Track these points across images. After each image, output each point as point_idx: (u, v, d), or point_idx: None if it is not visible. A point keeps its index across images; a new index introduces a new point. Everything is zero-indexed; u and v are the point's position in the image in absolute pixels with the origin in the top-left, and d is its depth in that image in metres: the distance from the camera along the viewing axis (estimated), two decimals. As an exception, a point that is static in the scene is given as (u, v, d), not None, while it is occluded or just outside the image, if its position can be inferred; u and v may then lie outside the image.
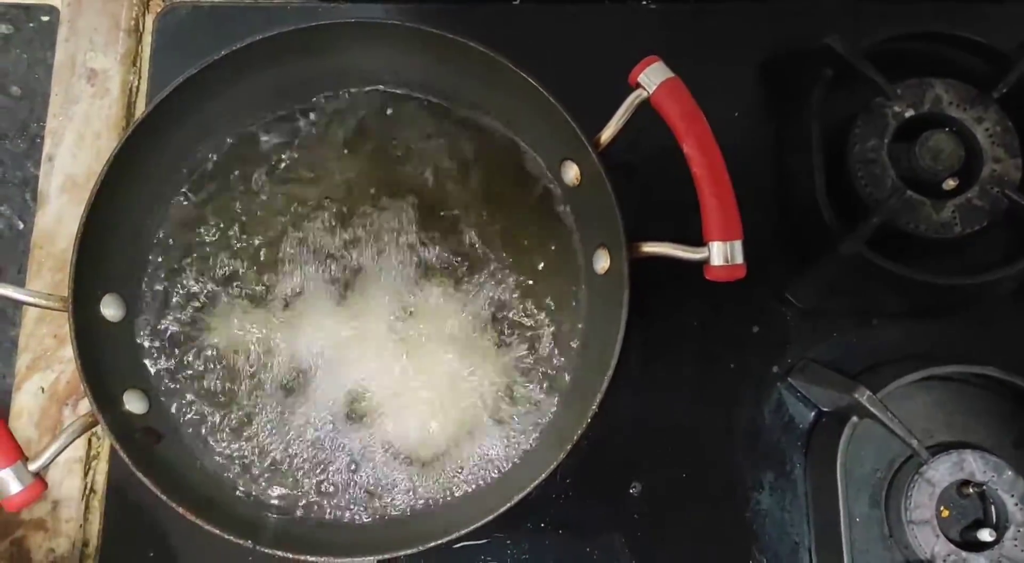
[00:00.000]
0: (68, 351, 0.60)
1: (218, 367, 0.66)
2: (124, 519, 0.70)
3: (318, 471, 0.65)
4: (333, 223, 0.68)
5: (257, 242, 0.68)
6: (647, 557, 0.69)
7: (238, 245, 0.68)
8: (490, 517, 0.57)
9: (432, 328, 0.66)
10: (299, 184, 0.69)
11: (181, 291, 0.67)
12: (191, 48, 0.78)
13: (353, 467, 0.65)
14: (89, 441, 0.72)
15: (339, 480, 0.65)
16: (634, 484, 0.70)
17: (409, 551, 0.59)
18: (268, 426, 0.66)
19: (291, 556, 0.57)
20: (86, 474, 0.71)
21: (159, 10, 0.80)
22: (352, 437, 0.65)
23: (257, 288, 0.68)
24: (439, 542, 0.58)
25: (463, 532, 0.57)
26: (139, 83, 0.79)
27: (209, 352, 0.67)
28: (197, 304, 0.67)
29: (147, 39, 0.80)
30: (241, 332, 0.67)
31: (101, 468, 0.72)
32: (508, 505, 0.57)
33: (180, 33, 0.79)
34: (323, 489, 0.64)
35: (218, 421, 0.65)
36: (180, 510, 0.57)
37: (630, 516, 0.70)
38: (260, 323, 0.67)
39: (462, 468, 0.65)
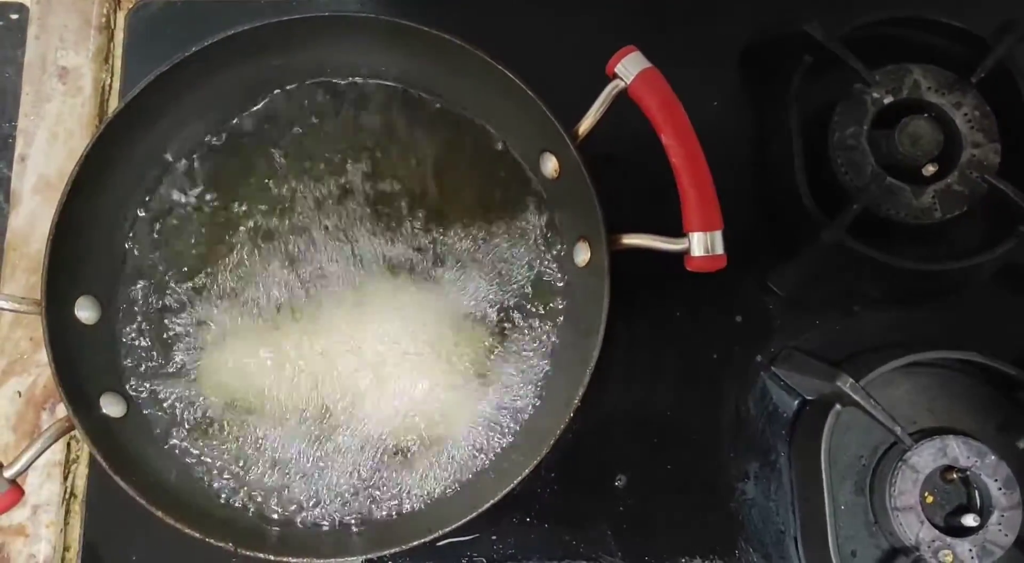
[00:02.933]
0: (45, 354, 0.59)
1: (196, 367, 0.65)
2: (105, 523, 0.69)
3: (299, 472, 0.64)
4: (308, 217, 0.68)
5: (233, 237, 0.67)
6: (633, 549, 0.69)
7: (214, 241, 0.67)
8: (473, 514, 0.57)
9: (411, 323, 0.66)
10: (274, 179, 0.69)
11: (157, 291, 0.66)
12: (163, 44, 0.77)
13: (335, 468, 0.64)
14: (68, 445, 0.71)
15: (322, 481, 0.64)
16: (619, 476, 0.70)
17: (394, 550, 0.59)
18: (249, 427, 0.65)
19: (273, 558, 0.57)
20: (66, 478, 0.71)
21: (130, 6, 0.78)
22: (335, 438, 0.65)
23: (234, 285, 0.67)
24: (423, 540, 0.57)
25: (447, 530, 0.57)
26: (112, 80, 0.78)
27: (188, 353, 0.66)
28: (174, 304, 0.66)
29: (119, 36, 0.78)
30: (220, 331, 0.66)
31: (81, 472, 0.71)
32: (492, 501, 0.57)
33: (152, 29, 0.77)
34: (305, 490, 0.64)
35: (198, 423, 0.65)
36: (159, 514, 0.56)
37: (616, 508, 0.69)
38: (237, 320, 0.66)
39: (445, 464, 0.64)
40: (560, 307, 0.66)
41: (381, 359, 0.65)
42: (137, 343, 0.66)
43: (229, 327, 0.66)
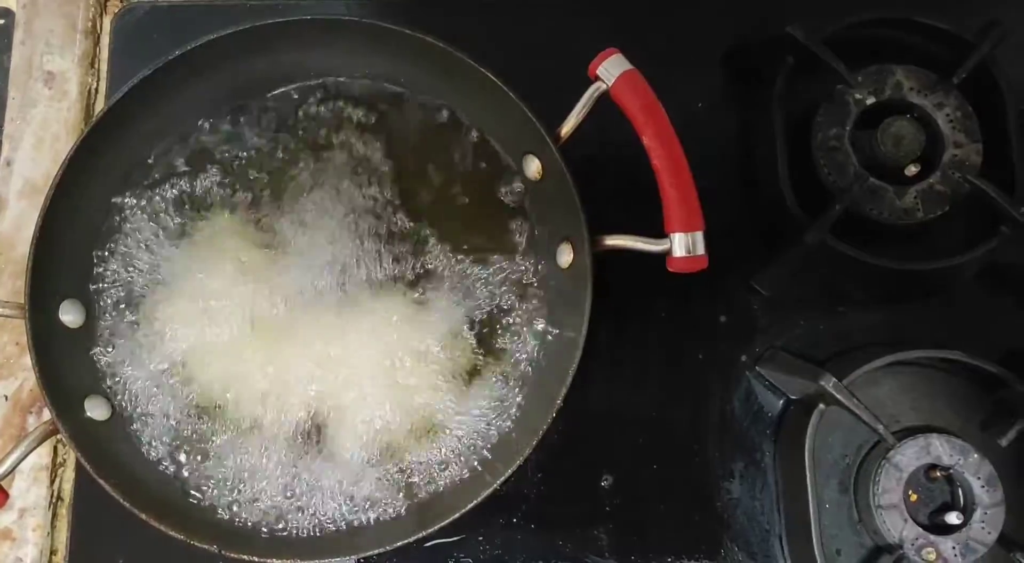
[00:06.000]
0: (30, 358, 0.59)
1: (180, 371, 0.65)
2: (92, 527, 0.69)
3: (284, 475, 0.64)
4: (291, 223, 0.68)
5: (214, 242, 0.67)
6: (620, 549, 0.69)
7: (197, 247, 0.67)
8: (457, 515, 0.57)
9: (393, 330, 0.66)
10: (260, 181, 0.69)
11: (141, 296, 0.66)
12: (149, 48, 0.77)
13: (319, 471, 0.64)
14: (55, 448, 0.71)
15: (306, 483, 0.64)
16: (605, 477, 0.70)
17: (379, 551, 0.59)
18: (233, 433, 0.65)
19: (257, 560, 0.57)
20: (52, 482, 0.71)
21: (116, 11, 0.79)
22: (319, 443, 0.65)
23: (216, 291, 0.66)
24: (408, 540, 0.58)
25: (432, 530, 0.57)
26: (98, 85, 0.78)
27: (172, 360, 0.66)
28: (158, 310, 0.66)
29: (105, 40, 0.79)
30: (204, 338, 0.66)
31: (68, 476, 0.71)
32: (475, 501, 0.57)
33: (138, 33, 0.78)
34: (290, 493, 0.64)
35: (183, 427, 0.65)
36: (143, 516, 0.56)
37: (602, 509, 0.70)
38: (220, 329, 0.66)
39: (430, 466, 0.64)
40: (543, 308, 0.66)
41: (364, 366, 0.65)
42: (121, 346, 0.65)
43: (213, 335, 0.66)
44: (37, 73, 0.77)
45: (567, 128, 0.60)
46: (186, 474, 0.64)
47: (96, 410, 0.62)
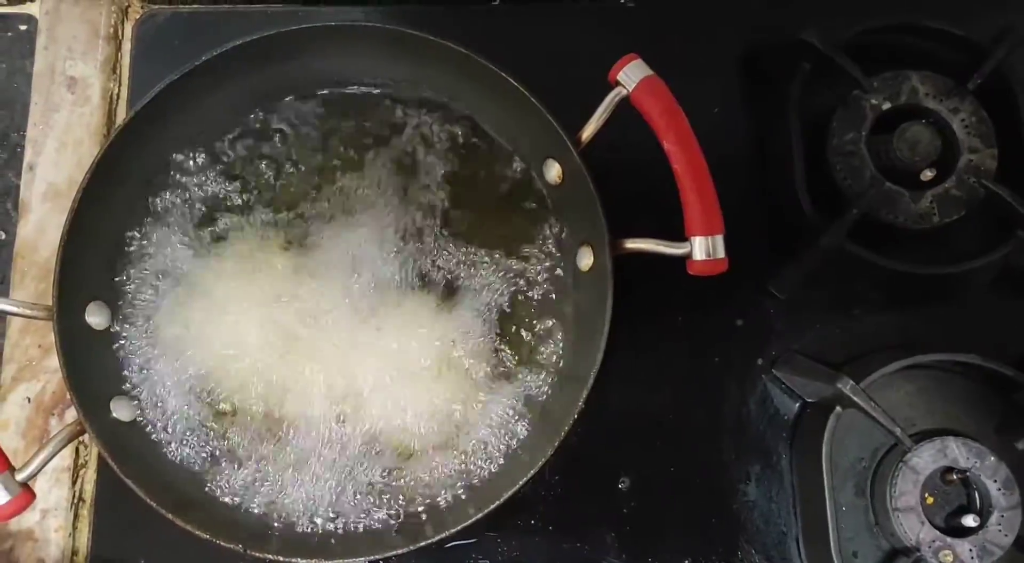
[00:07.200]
0: (54, 360, 0.60)
1: (204, 373, 0.66)
2: (113, 527, 0.70)
3: (306, 475, 0.65)
4: (314, 225, 0.68)
5: (235, 245, 0.68)
6: (637, 551, 0.69)
7: (216, 249, 0.68)
8: (478, 516, 0.57)
9: (416, 330, 0.66)
10: (282, 186, 0.69)
11: (165, 297, 0.67)
12: (171, 54, 0.78)
13: (341, 472, 0.65)
14: (77, 450, 0.72)
15: (327, 484, 0.64)
16: (622, 479, 0.70)
17: (399, 551, 0.59)
18: (255, 432, 0.65)
19: (281, 559, 0.57)
20: (74, 483, 0.71)
21: (138, 17, 0.79)
22: (341, 444, 0.65)
23: (237, 294, 0.67)
24: (428, 542, 0.58)
25: (451, 532, 0.58)
26: (119, 90, 0.79)
27: (195, 358, 0.66)
28: (181, 309, 0.67)
29: (126, 46, 0.79)
30: (226, 338, 0.67)
31: (89, 476, 0.72)
32: (496, 504, 0.57)
33: (159, 40, 0.79)
34: (311, 493, 0.64)
35: (208, 428, 0.65)
36: (169, 516, 0.57)
37: (619, 511, 0.70)
38: (246, 329, 0.67)
39: (449, 468, 0.65)
40: (564, 312, 0.67)
41: (390, 369, 0.66)
42: (147, 349, 0.66)
43: (237, 339, 0.66)
44: (60, 78, 0.78)
45: (588, 133, 0.60)
46: (211, 475, 0.64)
47: (122, 411, 0.63)
